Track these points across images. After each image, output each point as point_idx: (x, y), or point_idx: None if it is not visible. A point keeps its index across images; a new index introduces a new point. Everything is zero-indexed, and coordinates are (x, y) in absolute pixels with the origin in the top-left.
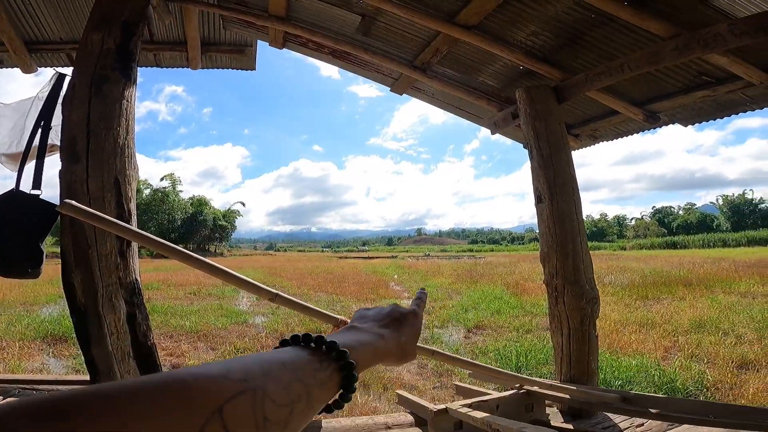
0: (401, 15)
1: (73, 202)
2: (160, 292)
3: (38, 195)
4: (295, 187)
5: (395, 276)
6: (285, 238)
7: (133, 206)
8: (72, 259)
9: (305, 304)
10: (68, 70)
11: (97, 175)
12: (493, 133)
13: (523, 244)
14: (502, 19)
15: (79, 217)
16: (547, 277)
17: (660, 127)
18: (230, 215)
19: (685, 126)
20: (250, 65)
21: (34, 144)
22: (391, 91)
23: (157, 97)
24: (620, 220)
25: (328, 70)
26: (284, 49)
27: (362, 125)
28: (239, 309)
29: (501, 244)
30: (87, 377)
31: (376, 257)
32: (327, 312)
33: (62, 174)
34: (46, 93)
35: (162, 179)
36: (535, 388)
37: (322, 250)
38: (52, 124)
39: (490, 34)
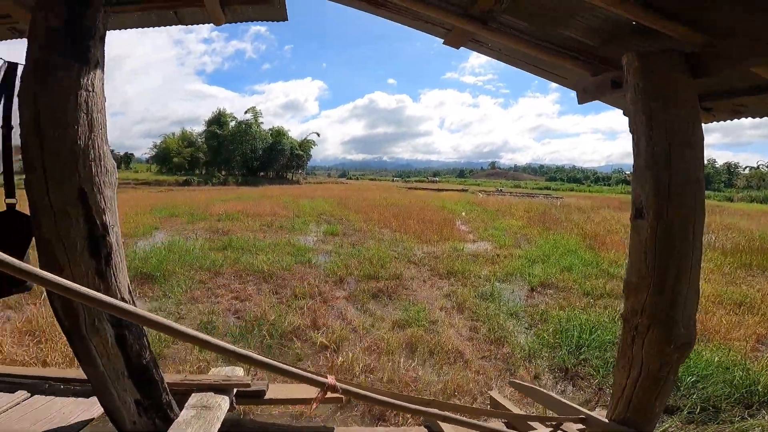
0: None
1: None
2: (240, 223)
3: (13, 205)
4: (369, 117)
5: (463, 213)
6: (358, 166)
7: (110, 218)
8: None
9: (284, 367)
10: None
11: (58, 186)
12: (580, 102)
13: (608, 185)
14: None
15: None
16: (627, 313)
17: None
18: (306, 144)
19: None
20: (281, 15)
21: None
22: (444, 44)
23: (243, 36)
24: (731, 168)
25: None
26: None
27: (438, 60)
28: (305, 245)
29: (583, 184)
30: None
31: (446, 190)
32: (308, 374)
33: (25, 185)
34: None
35: (246, 112)
36: None
37: (393, 180)
38: (13, 123)
39: None
